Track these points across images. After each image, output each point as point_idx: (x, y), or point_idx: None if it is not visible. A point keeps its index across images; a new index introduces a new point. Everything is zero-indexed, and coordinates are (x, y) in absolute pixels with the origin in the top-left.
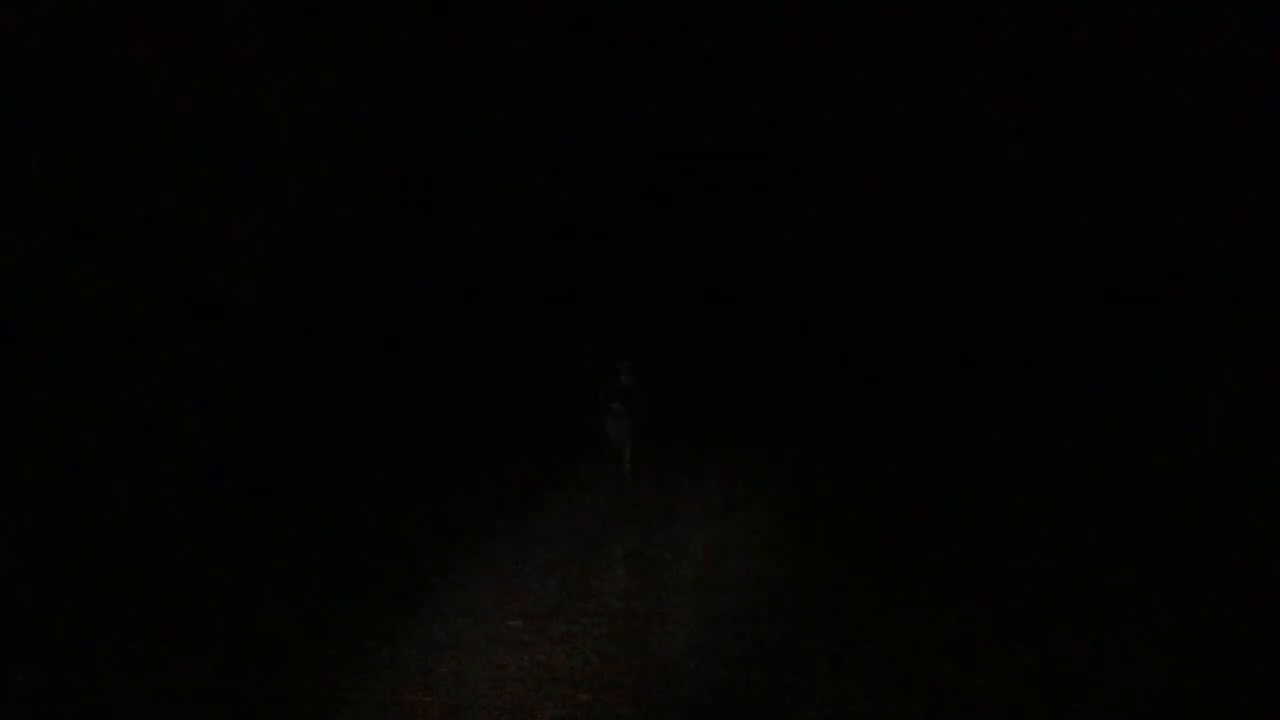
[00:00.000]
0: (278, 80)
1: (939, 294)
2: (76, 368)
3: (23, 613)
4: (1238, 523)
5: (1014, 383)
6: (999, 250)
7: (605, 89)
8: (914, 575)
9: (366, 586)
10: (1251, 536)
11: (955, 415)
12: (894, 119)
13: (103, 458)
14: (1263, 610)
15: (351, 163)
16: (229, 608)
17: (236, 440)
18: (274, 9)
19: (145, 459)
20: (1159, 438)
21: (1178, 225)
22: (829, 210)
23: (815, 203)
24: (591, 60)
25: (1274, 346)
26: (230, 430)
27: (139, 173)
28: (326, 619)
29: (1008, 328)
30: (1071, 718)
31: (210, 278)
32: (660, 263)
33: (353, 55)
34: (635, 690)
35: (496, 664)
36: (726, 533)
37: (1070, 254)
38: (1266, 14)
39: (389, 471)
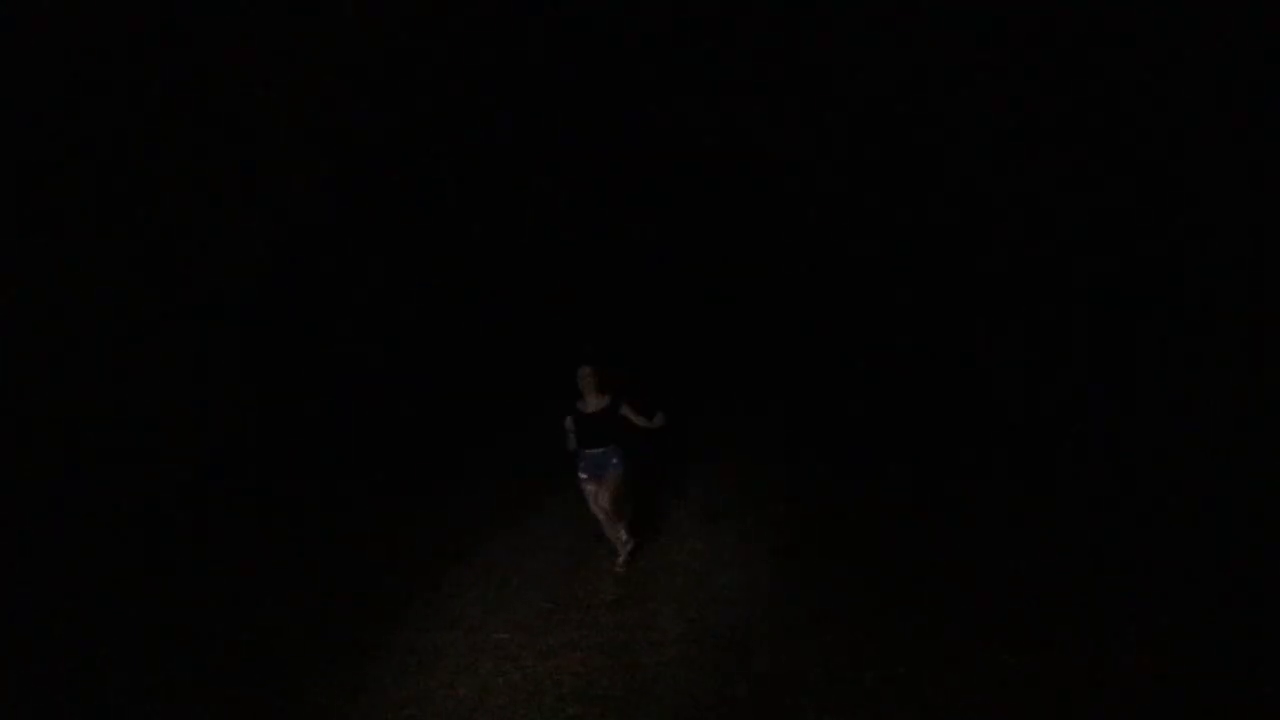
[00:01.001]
0: (278, 80)
1: (939, 294)
2: (76, 368)
3: (23, 613)
4: (1238, 523)
5: (1014, 383)
6: (999, 250)
7: (605, 89)
8: (914, 575)
9: (366, 588)
10: (1251, 536)
11: (955, 415)
12: (894, 119)
13: (103, 458)
14: (1263, 610)
15: (351, 163)
16: (229, 608)
17: (236, 440)
18: (274, 9)
19: (145, 459)
20: (1159, 438)
21: (1178, 225)
22: (829, 210)
23: (815, 203)
24: (591, 60)
25: (1274, 346)
26: (230, 430)
27: (139, 173)
28: (326, 620)
29: (1008, 328)
30: (1071, 718)
31: (210, 278)
32: (660, 263)
33: (353, 55)
34: (623, 703)
35: (482, 678)
36: (725, 534)
37: (1070, 254)
38: (1266, 14)
39: (389, 471)
